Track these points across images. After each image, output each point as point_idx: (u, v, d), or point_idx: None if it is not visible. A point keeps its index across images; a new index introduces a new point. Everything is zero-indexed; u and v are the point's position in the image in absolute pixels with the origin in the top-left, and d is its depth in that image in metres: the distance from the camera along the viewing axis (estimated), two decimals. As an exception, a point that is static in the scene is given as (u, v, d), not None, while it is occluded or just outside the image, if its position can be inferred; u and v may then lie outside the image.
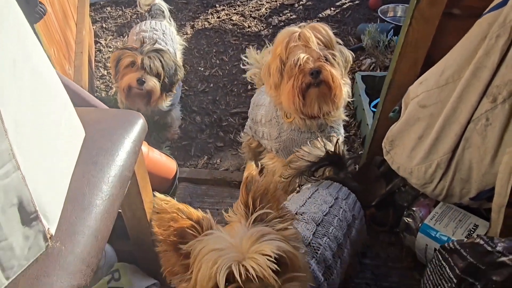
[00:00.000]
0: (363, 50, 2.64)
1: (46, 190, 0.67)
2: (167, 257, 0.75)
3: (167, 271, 0.75)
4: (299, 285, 0.69)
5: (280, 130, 1.50)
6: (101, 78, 2.49)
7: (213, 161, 2.01)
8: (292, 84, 1.30)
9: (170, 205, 0.73)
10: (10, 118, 0.55)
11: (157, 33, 2.11)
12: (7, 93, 0.54)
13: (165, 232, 0.73)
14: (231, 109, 2.30)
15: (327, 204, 1.09)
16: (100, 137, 0.91)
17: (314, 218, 1.03)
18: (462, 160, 1.14)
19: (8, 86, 0.55)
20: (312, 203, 1.10)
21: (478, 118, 1.09)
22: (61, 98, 0.77)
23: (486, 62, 1.05)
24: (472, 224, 1.32)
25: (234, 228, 0.72)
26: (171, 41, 2.18)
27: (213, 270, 0.65)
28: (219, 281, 0.64)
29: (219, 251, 0.67)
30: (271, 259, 0.65)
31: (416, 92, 1.22)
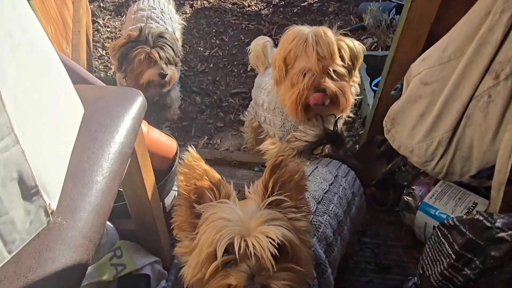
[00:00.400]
0: (364, 30, 2.61)
1: (46, 165, 0.67)
2: (181, 212, 0.76)
3: (176, 224, 0.77)
4: (294, 277, 0.69)
5: (284, 121, 1.50)
6: (99, 58, 2.46)
7: (213, 141, 2.00)
8: (296, 97, 1.28)
9: (198, 164, 0.74)
10: (8, 91, 0.54)
11: (155, 12, 2.07)
12: (4, 66, 0.53)
13: (187, 187, 0.74)
14: (231, 90, 2.28)
15: (326, 182, 1.09)
16: (99, 114, 0.90)
17: (314, 196, 1.03)
18: (463, 138, 1.14)
19: (5, 58, 0.54)
20: (312, 181, 1.10)
21: (481, 95, 1.08)
22: (60, 73, 0.76)
23: (490, 38, 1.04)
24: (472, 202, 1.33)
25: (248, 205, 0.73)
26: (170, 20, 2.14)
27: (216, 237, 0.67)
28: (218, 248, 0.65)
29: (226, 220, 0.69)
30: (274, 243, 0.65)
31: (418, 69, 1.21)
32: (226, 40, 2.61)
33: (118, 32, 2.64)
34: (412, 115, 1.23)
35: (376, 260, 1.45)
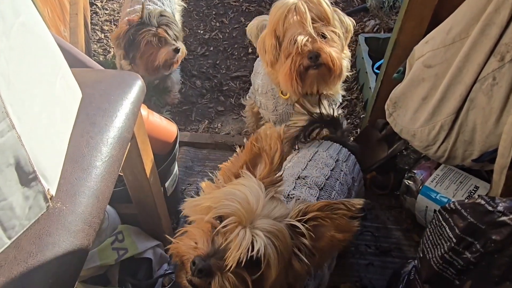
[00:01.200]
0: (366, 11, 2.56)
1: (44, 150, 0.66)
2: (234, 161, 0.83)
3: (223, 167, 0.85)
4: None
5: (276, 104, 1.47)
6: (98, 41, 2.43)
7: (214, 125, 1.99)
8: (289, 66, 1.23)
9: (272, 135, 0.78)
10: (2, 75, 0.53)
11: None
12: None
13: (253, 147, 0.80)
14: (232, 73, 2.26)
15: (328, 167, 1.08)
16: (97, 98, 0.89)
17: (316, 182, 1.03)
18: (466, 122, 1.13)
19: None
20: (314, 166, 1.09)
21: (485, 78, 1.06)
22: (55, 56, 0.75)
23: (496, 19, 1.01)
24: (473, 186, 1.33)
25: (257, 186, 0.74)
26: (169, 1, 2.10)
27: (219, 204, 0.70)
28: (212, 213, 0.70)
29: (237, 195, 0.71)
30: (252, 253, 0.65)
31: (422, 52, 1.19)
32: (226, 22, 2.57)
33: (116, 15, 2.60)
34: (414, 99, 1.22)
35: (377, 244, 1.46)
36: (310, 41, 1.20)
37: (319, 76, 1.26)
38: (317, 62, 1.21)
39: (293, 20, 1.21)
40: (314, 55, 1.20)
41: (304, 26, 1.19)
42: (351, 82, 2.20)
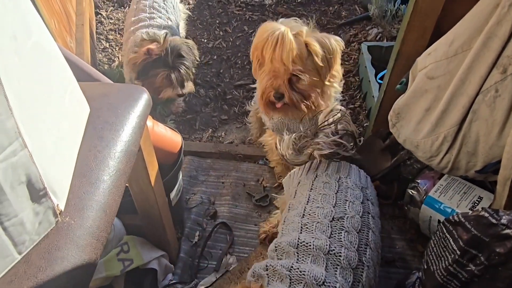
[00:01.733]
0: (369, 20, 2.58)
1: (53, 166, 0.68)
2: None
3: None
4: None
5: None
6: (103, 51, 2.45)
7: (218, 134, 2.01)
8: (260, 94, 1.29)
9: None
10: (14, 95, 0.54)
11: (157, 1, 2.05)
12: (10, 70, 0.53)
13: None
14: (235, 82, 2.27)
15: (358, 200, 1.02)
16: (105, 112, 0.90)
17: (353, 224, 0.96)
18: (469, 133, 1.13)
19: (11, 62, 0.54)
20: (343, 200, 1.01)
21: (487, 90, 1.07)
22: (64, 73, 0.76)
23: (498, 32, 1.02)
24: (477, 196, 1.33)
25: None
26: (173, 9, 2.12)
27: None
28: None
29: None
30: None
31: (424, 63, 1.20)
32: (229, 31, 2.59)
33: (121, 24, 2.63)
34: (417, 110, 1.23)
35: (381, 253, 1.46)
36: (277, 82, 1.25)
37: (286, 109, 1.32)
38: (282, 101, 1.28)
39: (272, 52, 1.22)
40: (278, 95, 1.26)
41: (279, 64, 1.22)
42: (354, 91, 2.21)
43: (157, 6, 2.03)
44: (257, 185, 1.69)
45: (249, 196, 1.64)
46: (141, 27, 1.91)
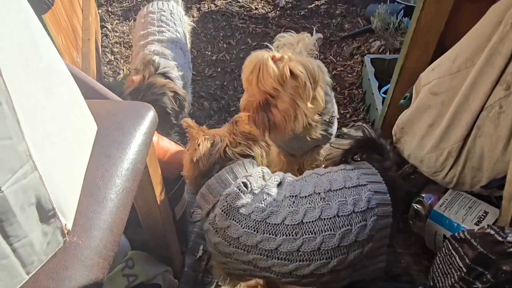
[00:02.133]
0: (372, 32, 2.60)
1: (62, 186, 0.68)
2: None
3: None
4: None
5: None
6: (108, 63, 2.48)
7: (222, 147, 2.01)
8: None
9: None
10: (26, 119, 0.55)
11: (165, 14, 2.08)
12: (22, 95, 0.55)
13: None
14: (239, 94, 2.29)
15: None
16: (112, 131, 0.91)
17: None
18: (474, 149, 1.14)
19: (23, 87, 0.55)
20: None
21: (491, 106, 1.07)
22: (73, 93, 0.77)
23: (501, 49, 1.03)
24: (482, 211, 1.33)
25: None
26: (179, 21, 2.15)
27: None
28: None
29: None
30: None
31: (428, 79, 1.20)
32: (233, 43, 2.62)
33: (126, 37, 2.66)
34: (421, 125, 1.23)
35: (385, 268, 1.45)
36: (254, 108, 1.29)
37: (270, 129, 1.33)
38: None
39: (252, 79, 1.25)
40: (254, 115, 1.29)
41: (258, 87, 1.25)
42: (358, 103, 2.22)
43: (165, 19, 2.05)
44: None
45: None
46: (151, 41, 1.92)
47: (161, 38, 1.94)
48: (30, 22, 0.59)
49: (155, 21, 2.03)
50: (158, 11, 2.09)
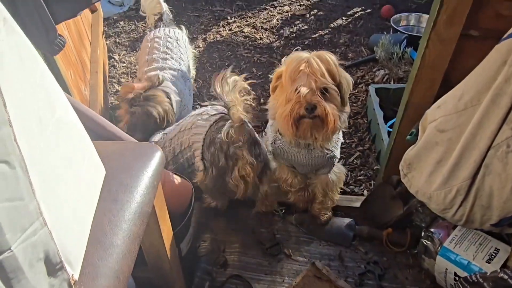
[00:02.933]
0: (376, 61, 2.62)
1: (71, 237, 0.68)
2: None
3: None
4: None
5: (275, 138, 1.55)
6: (115, 94, 2.51)
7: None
8: (288, 111, 1.32)
9: None
10: (38, 176, 0.55)
11: (171, 40, 2.12)
12: (35, 153, 0.55)
13: None
14: (245, 124, 2.30)
15: None
16: (119, 173, 0.92)
17: None
18: (483, 187, 1.12)
19: (36, 145, 0.56)
20: None
21: (499, 145, 1.07)
22: (83, 141, 0.78)
23: (506, 89, 1.04)
24: (493, 248, 1.30)
25: None
26: (185, 48, 2.19)
27: None
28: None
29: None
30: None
31: (434, 116, 1.21)
32: (238, 73, 2.64)
33: (133, 68, 2.71)
34: (428, 162, 1.23)
35: (395, 305, 1.42)
36: (310, 94, 1.29)
37: (313, 126, 1.35)
38: (312, 114, 1.30)
39: (302, 72, 1.30)
40: (310, 106, 1.29)
41: (310, 80, 1.29)
42: (363, 132, 2.22)
43: (171, 46, 2.09)
44: (267, 232, 1.67)
45: (259, 244, 1.62)
46: (154, 69, 1.96)
47: (164, 66, 1.98)
48: (45, 79, 0.60)
49: (161, 46, 2.07)
50: (164, 37, 2.13)
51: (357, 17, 3.15)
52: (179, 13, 3.27)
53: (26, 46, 0.53)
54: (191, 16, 3.24)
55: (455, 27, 1.22)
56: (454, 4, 1.18)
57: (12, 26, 0.50)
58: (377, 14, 3.15)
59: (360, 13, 3.20)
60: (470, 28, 1.23)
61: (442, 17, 1.20)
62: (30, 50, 0.55)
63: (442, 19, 1.21)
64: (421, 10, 3.05)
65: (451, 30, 1.23)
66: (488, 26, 1.21)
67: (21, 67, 0.51)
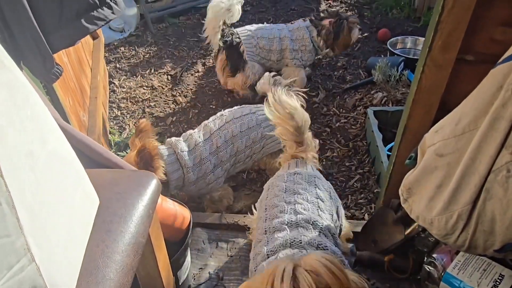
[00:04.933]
0: (373, 84, 2.64)
1: (60, 272, 0.66)
2: None
3: None
4: None
5: None
6: (114, 118, 2.52)
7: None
8: None
9: None
10: (26, 211, 0.54)
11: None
12: (24, 187, 0.54)
13: None
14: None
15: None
16: (114, 203, 0.90)
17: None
18: (484, 212, 1.10)
19: (25, 179, 0.55)
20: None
21: (499, 169, 1.05)
22: (76, 172, 0.77)
23: (503, 113, 1.03)
24: (498, 274, 1.27)
25: None
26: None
27: None
28: None
29: None
30: None
31: (432, 141, 1.20)
32: (237, 98, 2.67)
33: (133, 92, 2.73)
34: (428, 186, 1.21)
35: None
36: None
37: None
38: None
39: None
40: None
41: None
42: (362, 155, 2.21)
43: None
44: (267, 258, 1.64)
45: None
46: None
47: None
48: (37, 112, 0.60)
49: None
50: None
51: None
52: (179, 38, 3.33)
53: (17, 80, 0.53)
54: (191, 41, 3.28)
55: (451, 52, 1.23)
56: (449, 29, 1.19)
57: (3, 61, 0.50)
58: (374, 37, 3.19)
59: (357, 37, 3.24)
60: (465, 52, 1.24)
61: (437, 42, 1.21)
62: (21, 84, 0.55)
63: (437, 44, 1.22)
64: (417, 33, 3.09)
65: (446, 55, 1.24)
66: (483, 50, 1.21)
67: (10, 102, 0.51)
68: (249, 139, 1.78)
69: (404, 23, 3.34)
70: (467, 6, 1.13)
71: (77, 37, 1.10)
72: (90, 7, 1.09)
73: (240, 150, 1.78)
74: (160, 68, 2.95)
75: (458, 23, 1.17)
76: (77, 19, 1.07)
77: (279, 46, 2.49)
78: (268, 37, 2.47)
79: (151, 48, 3.20)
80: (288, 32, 2.52)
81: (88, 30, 1.09)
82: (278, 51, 2.50)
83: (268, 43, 2.46)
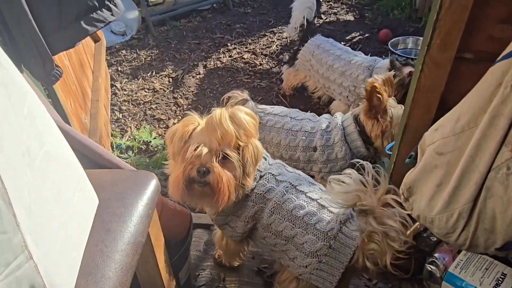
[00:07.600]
0: (375, 84, 2.63)
1: (59, 270, 0.67)
2: None
3: None
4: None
5: None
6: (116, 121, 2.53)
7: (228, 204, 1.99)
8: (181, 171, 1.12)
9: None
10: (23, 210, 0.55)
11: None
12: (21, 185, 0.55)
13: None
14: (245, 149, 2.29)
15: None
16: (113, 203, 0.91)
17: None
18: (485, 210, 1.10)
19: (22, 177, 0.55)
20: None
21: (499, 167, 1.05)
22: (75, 172, 0.78)
23: (503, 111, 1.03)
24: (500, 273, 1.26)
25: None
26: None
27: None
28: None
29: None
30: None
31: (432, 139, 1.19)
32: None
33: (134, 95, 2.74)
34: (429, 185, 1.20)
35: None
36: (208, 155, 1.10)
37: (203, 195, 1.16)
38: (204, 179, 1.11)
39: (205, 129, 1.11)
40: (203, 170, 1.09)
41: (212, 140, 1.10)
42: (364, 156, 2.20)
43: None
44: (268, 258, 1.64)
45: (259, 272, 1.59)
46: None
47: None
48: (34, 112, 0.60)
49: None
50: None
51: (356, 42, 3.19)
52: (180, 41, 3.34)
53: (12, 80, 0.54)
54: (192, 44, 3.30)
55: (449, 51, 1.23)
56: (447, 28, 1.19)
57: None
58: (375, 38, 3.20)
59: (359, 37, 3.25)
60: (464, 51, 1.24)
61: (436, 41, 1.21)
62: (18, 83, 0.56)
63: (435, 43, 1.22)
64: (418, 33, 3.09)
65: (445, 53, 1.24)
66: (481, 48, 1.21)
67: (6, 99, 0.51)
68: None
69: (405, 23, 3.34)
70: (464, 5, 1.13)
71: (77, 39, 1.11)
72: (89, 9, 1.10)
73: None
74: (161, 71, 2.97)
75: (456, 21, 1.17)
76: (76, 21, 1.08)
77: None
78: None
79: (152, 51, 3.22)
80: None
81: (87, 32, 1.10)
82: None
83: None
